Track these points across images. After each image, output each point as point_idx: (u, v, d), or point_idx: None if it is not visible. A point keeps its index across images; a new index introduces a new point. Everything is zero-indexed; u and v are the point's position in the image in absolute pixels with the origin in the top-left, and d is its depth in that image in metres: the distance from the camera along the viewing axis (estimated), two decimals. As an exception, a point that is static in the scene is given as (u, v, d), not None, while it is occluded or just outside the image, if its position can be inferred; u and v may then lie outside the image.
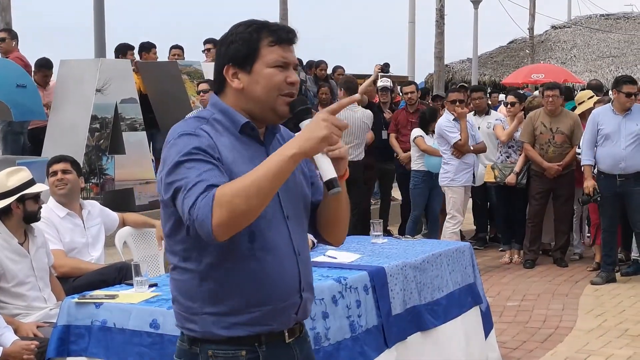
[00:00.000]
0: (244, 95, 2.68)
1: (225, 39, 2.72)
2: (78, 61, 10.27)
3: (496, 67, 28.53)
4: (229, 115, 2.69)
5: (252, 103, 2.68)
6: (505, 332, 7.19)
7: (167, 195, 2.55)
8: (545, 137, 9.74)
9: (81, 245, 5.91)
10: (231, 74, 2.68)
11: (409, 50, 27.46)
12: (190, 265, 2.65)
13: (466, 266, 6.07)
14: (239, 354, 2.65)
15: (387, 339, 5.02)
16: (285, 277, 2.68)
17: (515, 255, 10.29)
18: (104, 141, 9.71)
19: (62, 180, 5.89)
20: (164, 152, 2.61)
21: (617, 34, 29.22)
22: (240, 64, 2.67)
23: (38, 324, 5.00)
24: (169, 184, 2.54)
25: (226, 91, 2.72)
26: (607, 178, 8.86)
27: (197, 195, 2.45)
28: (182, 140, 2.57)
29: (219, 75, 2.72)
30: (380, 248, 5.87)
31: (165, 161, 2.58)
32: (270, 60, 2.65)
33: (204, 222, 2.43)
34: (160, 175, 2.60)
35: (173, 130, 2.64)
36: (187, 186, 2.48)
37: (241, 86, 2.67)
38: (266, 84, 2.65)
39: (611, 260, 9.12)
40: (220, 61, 2.71)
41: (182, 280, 2.68)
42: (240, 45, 2.66)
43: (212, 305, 2.63)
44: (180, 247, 2.66)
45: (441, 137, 9.52)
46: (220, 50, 2.73)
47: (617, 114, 8.84)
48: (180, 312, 2.70)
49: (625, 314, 7.81)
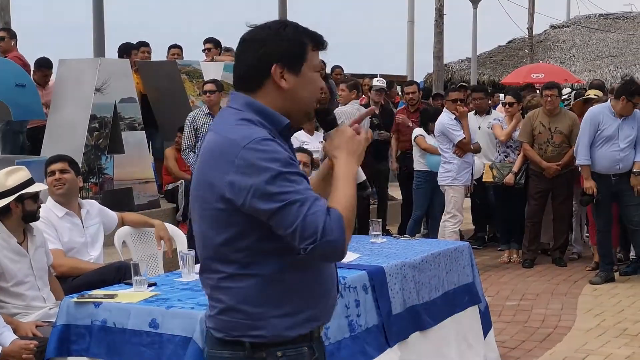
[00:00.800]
0: (288, 96, 2.68)
1: (273, 37, 2.66)
2: (77, 60, 10.25)
3: (495, 66, 28.52)
4: (269, 116, 2.67)
5: (293, 104, 2.70)
6: (504, 332, 7.19)
7: (268, 207, 2.49)
8: (543, 137, 9.75)
9: (80, 245, 5.91)
10: (279, 73, 2.65)
11: (408, 49, 27.47)
12: (254, 271, 2.62)
13: (464, 266, 6.08)
14: (304, 351, 2.71)
15: (388, 338, 5.03)
16: (334, 271, 2.80)
17: (514, 254, 10.31)
18: (103, 141, 9.70)
19: (60, 180, 5.89)
20: (241, 155, 2.52)
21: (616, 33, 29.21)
22: (290, 63, 2.66)
23: (37, 324, 5.00)
24: (272, 195, 2.48)
25: (264, 90, 2.68)
26: (602, 178, 8.87)
27: (324, 215, 2.48)
28: (269, 146, 2.54)
29: (258, 73, 2.66)
30: (379, 248, 5.88)
31: (253, 167, 2.50)
32: (315, 64, 2.72)
33: (338, 243, 2.49)
34: (247, 181, 2.50)
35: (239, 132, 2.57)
36: (304, 202, 2.49)
37: (288, 86, 2.67)
38: (312, 88, 2.72)
39: (609, 259, 9.13)
40: (264, 58, 2.65)
41: (243, 287, 2.63)
42: (291, 45, 2.66)
43: (278, 308, 2.64)
44: (241, 254, 2.61)
45: (443, 135, 9.53)
46: (262, 48, 2.65)
47: (616, 116, 8.85)
48: (242, 320, 2.65)
49: (624, 314, 7.82)
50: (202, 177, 2.64)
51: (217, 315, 2.70)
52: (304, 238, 2.47)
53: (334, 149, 2.70)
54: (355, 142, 2.70)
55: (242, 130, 2.58)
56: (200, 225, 2.68)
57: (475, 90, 11.76)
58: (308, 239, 2.47)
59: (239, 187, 2.52)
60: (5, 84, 9.27)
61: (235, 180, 2.52)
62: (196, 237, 2.73)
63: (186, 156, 9.47)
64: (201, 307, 4.05)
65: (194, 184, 2.71)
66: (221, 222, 2.60)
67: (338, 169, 2.66)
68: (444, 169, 9.58)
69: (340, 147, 2.69)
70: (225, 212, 2.57)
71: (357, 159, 2.70)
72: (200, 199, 2.65)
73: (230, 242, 2.61)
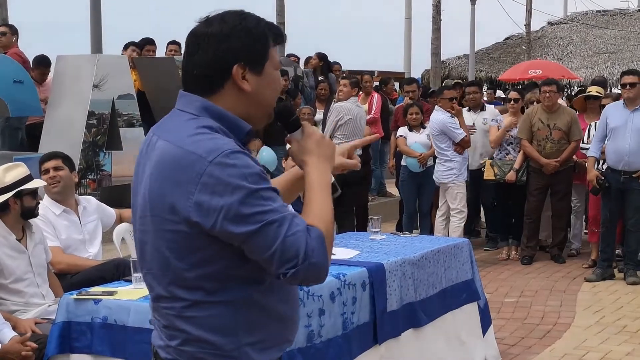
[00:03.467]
0: (250, 98, 2.38)
1: (229, 33, 2.34)
2: (75, 57, 10.24)
3: (492, 63, 28.49)
4: (231, 123, 2.36)
5: (255, 107, 2.41)
6: (503, 329, 7.18)
7: (243, 229, 2.21)
8: (542, 134, 9.75)
9: (78, 242, 5.89)
10: (241, 74, 2.35)
11: (405, 46, 27.43)
12: (223, 297, 2.32)
13: (464, 262, 6.06)
14: None
15: (378, 336, 5.01)
16: (296, 292, 2.56)
17: (513, 251, 10.30)
18: (100, 137, 9.69)
19: (55, 178, 5.86)
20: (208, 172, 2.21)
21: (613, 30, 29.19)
22: (252, 63, 2.36)
23: (36, 321, 4.98)
24: (247, 216, 2.20)
25: (223, 92, 2.36)
26: (613, 173, 8.87)
27: (305, 234, 2.23)
28: (240, 159, 2.24)
29: (217, 73, 2.35)
30: (378, 244, 5.86)
31: (223, 185, 2.20)
32: (276, 61, 2.44)
33: (321, 265, 2.25)
34: (217, 202, 2.20)
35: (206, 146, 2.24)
36: (282, 222, 2.22)
37: (249, 89, 2.37)
38: (275, 87, 2.44)
39: (607, 256, 9.12)
40: (224, 56, 2.34)
41: (210, 316, 2.33)
42: (253, 42, 2.36)
43: (251, 335, 2.37)
44: (207, 281, 2.31)
45: (442, 134, 9.54)
46: (220, 45, 2.34)
47: (627, 108, 8.84)
48: (208, 351, 2.35)
49: (623, 310, 7.82)
50: (156, 195, 2.30)
51: (179, 346, 2.38)
52: (284, 262, 2.22)
53: (303, 154, 2.43)
54: (326, 144, 2.44)
55: (205, 142, 2.25)
56: (156, 246, 2.34)
57: (469, 84, 11.76)
58: (288, 262, 2.22)
59: (208, 208, 2.22)
60: (3, 80, 9.27)
61: (202, 201, 2.22)
62: (149, 257, 2.39)
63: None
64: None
65: (142, 200, 2.36)
66: (184, 247, 2.29)
67: (311, 177, 2.39)
68: (445, 167, 9.58)
69: (310, 151, 2.42)
70: (190, 236, 2.27)
71: (330, 164, 2.43)
72: (157, 218, 2.31)
73: (195, 268, 2.30)
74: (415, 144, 10.01)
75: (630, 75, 8.93)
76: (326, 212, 2.33)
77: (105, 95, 9.73)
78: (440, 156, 9.66)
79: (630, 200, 8.81)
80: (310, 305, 4.37)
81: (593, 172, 8.93)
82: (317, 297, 4.41)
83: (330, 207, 2.36)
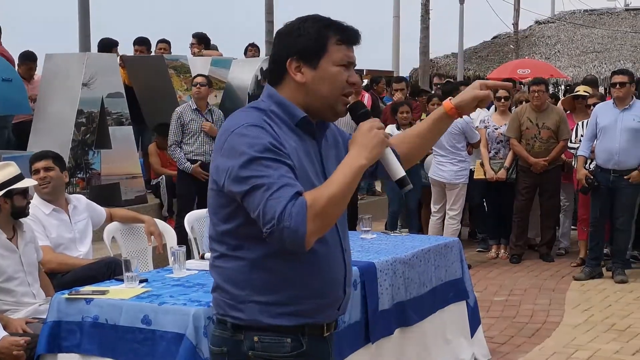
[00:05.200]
0: (306, 89, 2.68)
1: (290, 32, 2.69)
2: (64, 55, 10.20)
3: (480, 62, 28.51)
4: (286, 108, 2.68)
5: (313, 98, 2.69)
6: (493, 327, 7.21)
7: (239, 189, 2.52)
8: (531, 133, 9.78)
9: (68, 241, 5.88)
10: (294, 67, 2.67)
11: (394, 44, 27.45)
12: (242, 254, 2.65)
13: (453, 262, 6.08)
14: (284, 341, 2.68)
15: (370, 335, 5.01)
16: (334, 272, 2.74)
17: (502, 250, 10.33)
18: (90, 136, 9.66)
19: (45, 179, 5.85)
20: (228, 140, 2.57)
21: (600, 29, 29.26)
22: (306, 58, 2.66)
23: (27, 320, 4.97)
24: (243, 178, 2.51)
25: (284, 83, 2.70)
26: (603, 172, 8.89)
27: (286, 201, 2.44)
28: (252, 131, 2.55)
29: (278, 67, 2.70)
30: (369, 243, 5.88)
31: (233, 150, 2.54)
32: (337, 58, 2.68)
33: (297, 231, 2.43)
34: (226, 163, 2.55)
35: (236, 119, 2.63)
36: (270, 187, 2.47)
37: (304, 80, 2.67)
38: (331, 81, 2.67)
39: (595, 255, 9.15)
40: (282, 52, 2.69)
41: (230, 268, 2.68)
42: (308, 39, 2.66)
43: (261, 295, 2.64)
44: (233, 235, 2.65)
45: (461, 134, 9.55)
46: (282, 42, 2.70)
47: (617, 108, 8.87)
48: (225, 299, 2.70)
49: (612, 309, 7.85)
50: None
51: (212, 292, 2.77)
52: (265, 222, 2.46)
53: (351, 144, 2.63)
54: (370, 135, 2.60)
55: (239, 116, 2.64)
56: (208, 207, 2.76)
57: (462, 84, 11.79)
58: (267, 223, 2.45)
59: (220, 169, 2.58)
60: (-9, 78, 9.21)
61: (219, 163, 2.59)
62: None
63: (172, 152, 9.30)
64: (193, 303, 4.04)
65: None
66: (214, 203, 2.67)
67: (344, 161, 2.59)
68: (459, 167, 9.57)
69: (354, 140, 2.61)
70: (219, 194, 2.63)
71: (367, 152, 2.58)
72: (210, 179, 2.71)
73: (221, 223, 2.67)
74: None
75: (620, 75, 8.96)
76: (329, 189, 2.50)
77: (94, 94, 9.70)
78: (453, 156, 9.59)
79: (619, 199, 8.84)
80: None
81: (582, 172, 8.96)
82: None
83: (340, 187, 2.50)
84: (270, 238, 2.47)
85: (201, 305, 3.97)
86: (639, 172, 8.70)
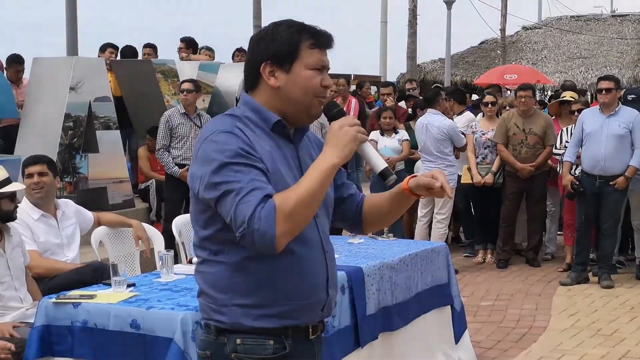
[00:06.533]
0: (280, 94, 2.70)
1: (264, 36, 2.72)
2: (51, 59, 10.18)
3: (467, 67, 28.57)
4: (260, 114, 2.70)
5: (287, 102, 2.71)
6: (479, 332, 7.23)
7: (212, 195, 2.56)
8: (518, 138, 9.82)
9: (55, 246, 5.86)
10: (268, 71, 2.69)
11: (381, 50, 27.51)
12: (222, 258, 2.68)
13: (440, 267, 6.09)
14: (267, 343, 2.69)
15: (360, 339, 5.03)
16: (316, 273, 2.76)
17: (489, 255, 10.36)
18: (77, 140, 9.64)
19: (39, 184, 5.83)
20: (202, 148, 2.61)
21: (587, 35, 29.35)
22: (280, 62, 2.68)
23: (14, 324, 4.95)
24: (215, 184, 2.54)
25: (259, 89, 2.73)
26: (589, 177, 8.93)
27: (255, 204, 2.48)
28: (222, 137, 2.59)
29: (253, 72, 2.73)
30: (357, 248, 5.89)
31: (205, 158, 2.58)
32: (310, 62, 2.70)
33: (266, 233, 2.47)
34: (199, 171, 2.59)
35: (210, 126, 2.67)
36: (240, 192, 2.50)
37: (277, 85, 2.69)
38: (304, 85, 2.69)
39: (582, 260, 9.18)
40: (256, 57, 2.71)
41: (211, 273, 2.71)
42: (281, 43, 2.68)
43: (242, 297, 2.67)
44: (212, 240, 2.69)
45: (448, 139, 9.57)
46: (257, 47, 2.72)
47: (603, 114, 8.91)
48: (209, 304, 2.73)
49: (598, 314, 7.88)
50: None
51: (197, 298, 2.80)
52: (236, 227, 2.50)
53: (324, 143, 2.63)
54: (341, 133, 2.59)
55: (213, 123, 2.69)
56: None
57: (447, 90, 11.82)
58: (239, 227, 2.49)
59: (194, 176, 2.63)
60: (-22, 83, 9.18)
61: (194, 171, 2.64)
62: None
63: (160, 156, 9.30)
64: (181, 307, 4.04)
65: None
66: (194, 210, 2.72)
67: (315, 162, 2.59)
68: (447, 172, 9.54)
69: (326, 141, 2.62)
70: (194, 201, 2.69)
71: (339, 151, 2.56)
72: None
73: (201, 230, 2.71)
74: (385, 148, 10.04)
75: (606, 81, 9.01)
76: (299, 191, 2.51)
77: (81, 98, 9.68)
78: (441, 161, 9.58)
79: (605, 205, 8.88)
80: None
81: (568, 177, 9.00)
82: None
83: (309, 188, 2.51)
84: (242, 241, 2.52)
85: (189, 309, 3.98)
86: (624, 178, 8.74)
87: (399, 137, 10.12)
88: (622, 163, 8.76)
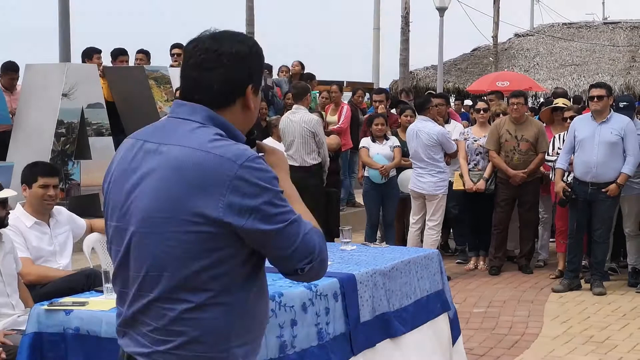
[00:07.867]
0: (249, 115, 2.58)
1: (248, 55, 2.54)
2: (44, 65, 10.19)
3: (460, 74, 28.60)
4: (231, 132, 2.50)
5: (249, 123, 2.61)
6: (472, 339, 7.23)
7: (273, 227, 2.39)
8: (510, 145, 9.84)
9: (48, 253, 5.85)
10: (252, 92, 2.56)
11: (374, 56, 27.50)
12: (223, 299, 2.43)
13: (434, 273, 6.09)
14: None
15: (353, 347, 5.02)
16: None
17: (481, 261, 10.36)
18: (69, 146, 9.64)
19: (52, 197, 5.80)
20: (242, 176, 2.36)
21: (579, 42, 29.40)
22: (258, 84, 2.58)
23: (5, 332, 4.94)
24: (274, 215, 2.39)
25: (233, 108, 2.53)
26: (581, 184, 8.95)
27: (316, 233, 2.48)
28: (263, 164, 2.43)
29: (233, 90, 2.52)
30: (349, 255, 5.88)
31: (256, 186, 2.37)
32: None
33: (326, 261, 2.50)
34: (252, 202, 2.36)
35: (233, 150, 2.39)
36: (300, 221, 2.45)
37: (253, 107, 2.58)
38: (258, 107, 2.65)
39: (574, 267, 9.20)
40: (240, 76, 2.52)
41: (210, 318, 2.43)
42: (261, 66, 2.62)
43: (239, 337, 2.50)
44: (217, 281, 2.41)
45: (438, 145, 9.58)
46: (241, 65, 2.51)
47: (595, 121, 8.93)
48: (204, 353, 2.44)
49: (590, 321, 7.90)
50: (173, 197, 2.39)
51: (172, 350, 2.44)
52: (302, 258, 2.43)
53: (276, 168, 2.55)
54: (284, 158, 2.69)
55: (230, 146, 2.41)
56: (165, 248, 2.40)
57: (437, 96, 11.79)
58: (305, 259, 2.43)
59: (240, 209, 2.36)
60: (-30, 89, 9.17)
61: (234, 202, 2.35)
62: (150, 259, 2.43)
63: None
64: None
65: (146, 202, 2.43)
66: (203, 247, 2.38)
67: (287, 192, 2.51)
68: (437, 178, 9.59)
69: (277, 165, 2.58)
70: (215, 236, 2.38)
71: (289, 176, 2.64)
72: (173, 220, 2.38)
73: (210, 268, 2.40)
74: (377, 155, 10.02)
75: (598, 88, 9.03)
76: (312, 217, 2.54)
77: (74, 104, 9.69)
78: (432, 167, 9.59)
79: (597, 212, 8.90)
80: (282, 316, 4.37)
81: (560, 184, 9.02)
82: (289, 308, 4.42)
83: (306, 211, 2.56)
84: (307, 273, 2.46)
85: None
86: (616, 185, 8.76)
87: (390, 144, 10.12)
88: (614, 170, 8.78)
